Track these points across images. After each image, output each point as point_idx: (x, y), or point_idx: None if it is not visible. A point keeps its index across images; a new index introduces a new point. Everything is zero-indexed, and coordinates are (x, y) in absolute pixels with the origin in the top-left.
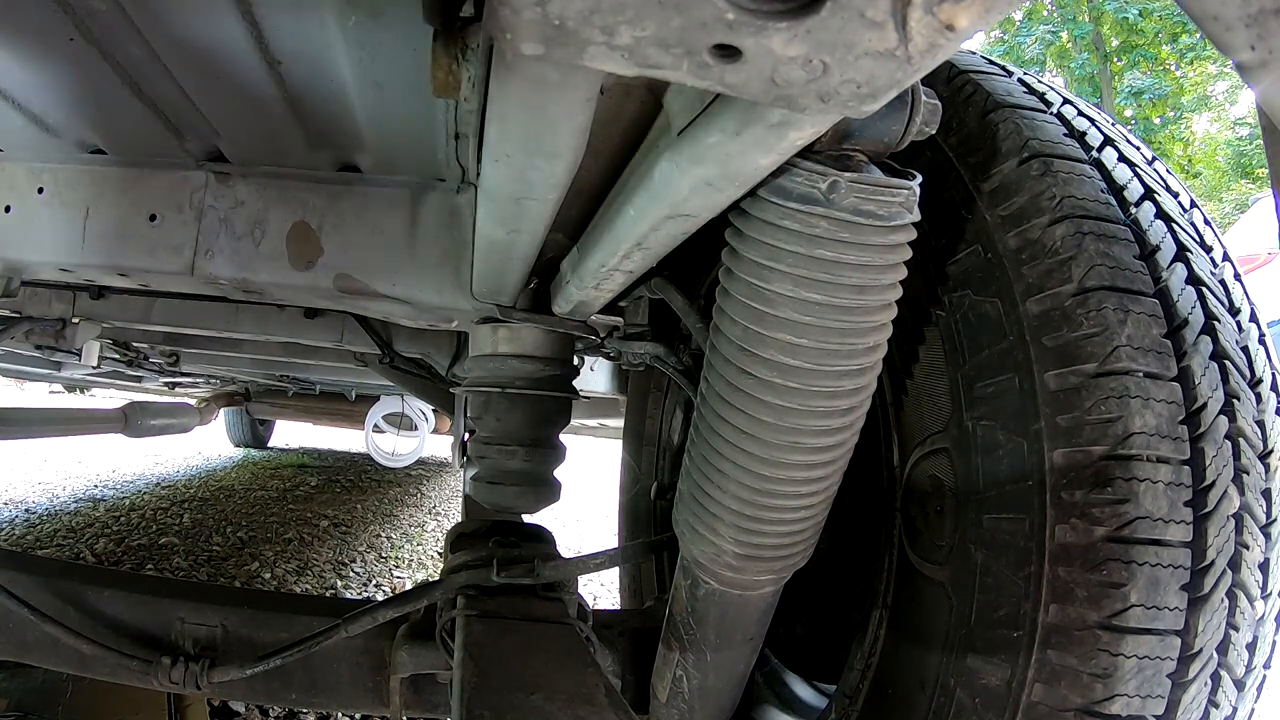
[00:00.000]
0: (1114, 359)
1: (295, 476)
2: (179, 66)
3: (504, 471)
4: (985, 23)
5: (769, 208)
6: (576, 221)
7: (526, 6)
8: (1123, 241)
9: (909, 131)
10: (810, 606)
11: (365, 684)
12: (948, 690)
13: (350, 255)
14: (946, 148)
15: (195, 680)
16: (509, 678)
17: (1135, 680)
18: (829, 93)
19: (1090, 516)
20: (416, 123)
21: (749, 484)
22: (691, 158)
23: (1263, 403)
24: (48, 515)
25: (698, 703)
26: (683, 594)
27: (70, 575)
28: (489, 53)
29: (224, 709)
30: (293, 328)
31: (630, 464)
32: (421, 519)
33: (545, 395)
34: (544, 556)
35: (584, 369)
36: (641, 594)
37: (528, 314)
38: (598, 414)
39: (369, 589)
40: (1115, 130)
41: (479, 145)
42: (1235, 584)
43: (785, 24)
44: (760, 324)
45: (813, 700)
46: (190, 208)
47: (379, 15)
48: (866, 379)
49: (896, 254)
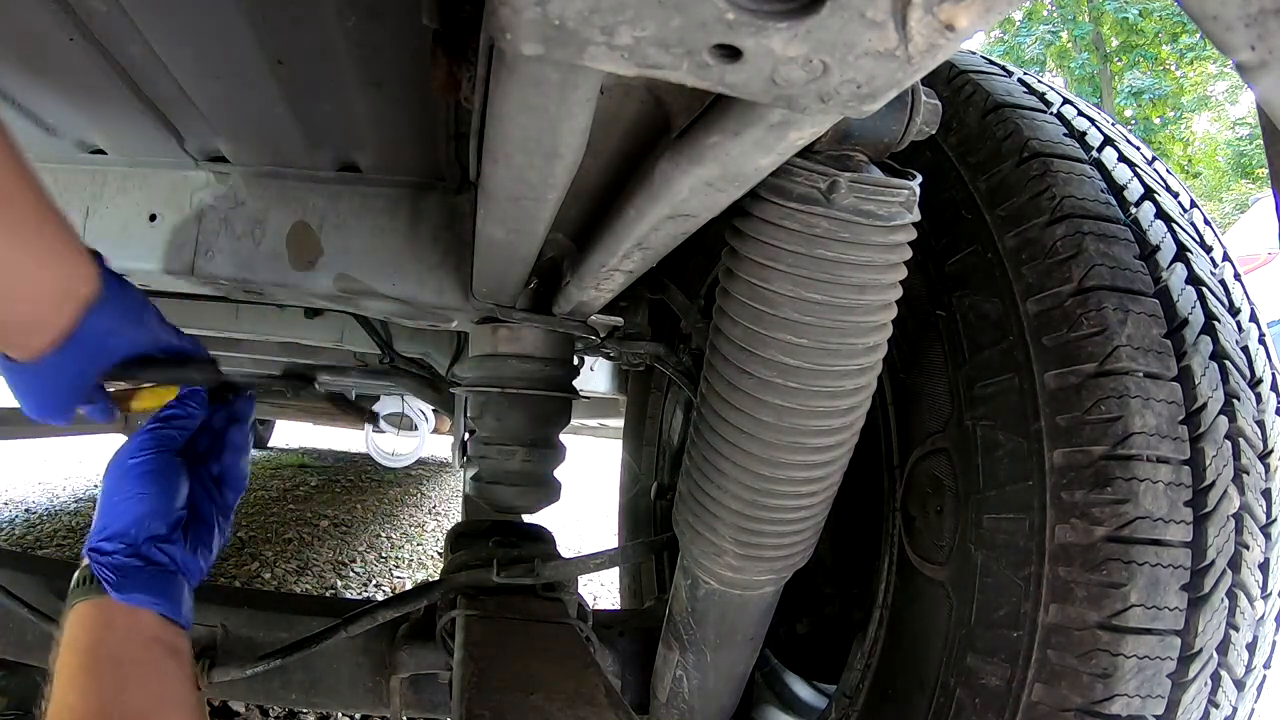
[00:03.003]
0: (1114, 359)
1: (295, 476)
2: (179, 66)
3: (504, 471)
4: (985, 23)
5: (769, 208)
6: (576, 221)
7: (526, 6)
8: (1123, 241)
9: (909, 131)
10: (810, 606)
11: (365, 684)
12: (948, 690)
13: (350, 255)
14: (946, 148)
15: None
16: (509, 678)
17: (1135, 680)
18: (829, 93)
19: (1090, 516)
20: (416, 123)
21: (749, 484)
22: (691, 158)
23: (1263, 403)
24: (48, 515)
25: (698, 703)
26: (683, 594)
27: (70, 575)
28: (489, 53)
29: (224, 709)
30: (293, 328)
31: (630, 464)
32: (421, 519)
33: (545, 395)
34: (544, 556)
35: (584, 369)
36: (641, 594)
37: (528, 314)
38: (598, 414)
39: (369, 589)
40: (1115, 130)
41: (479, 145)
42: (1235, 584)
43: (785, 24)
44: (760, 324)
45: (813, 700)
46: (190, 208)
47: (379, 15)
48: (866, 379)
49: (896, 254)
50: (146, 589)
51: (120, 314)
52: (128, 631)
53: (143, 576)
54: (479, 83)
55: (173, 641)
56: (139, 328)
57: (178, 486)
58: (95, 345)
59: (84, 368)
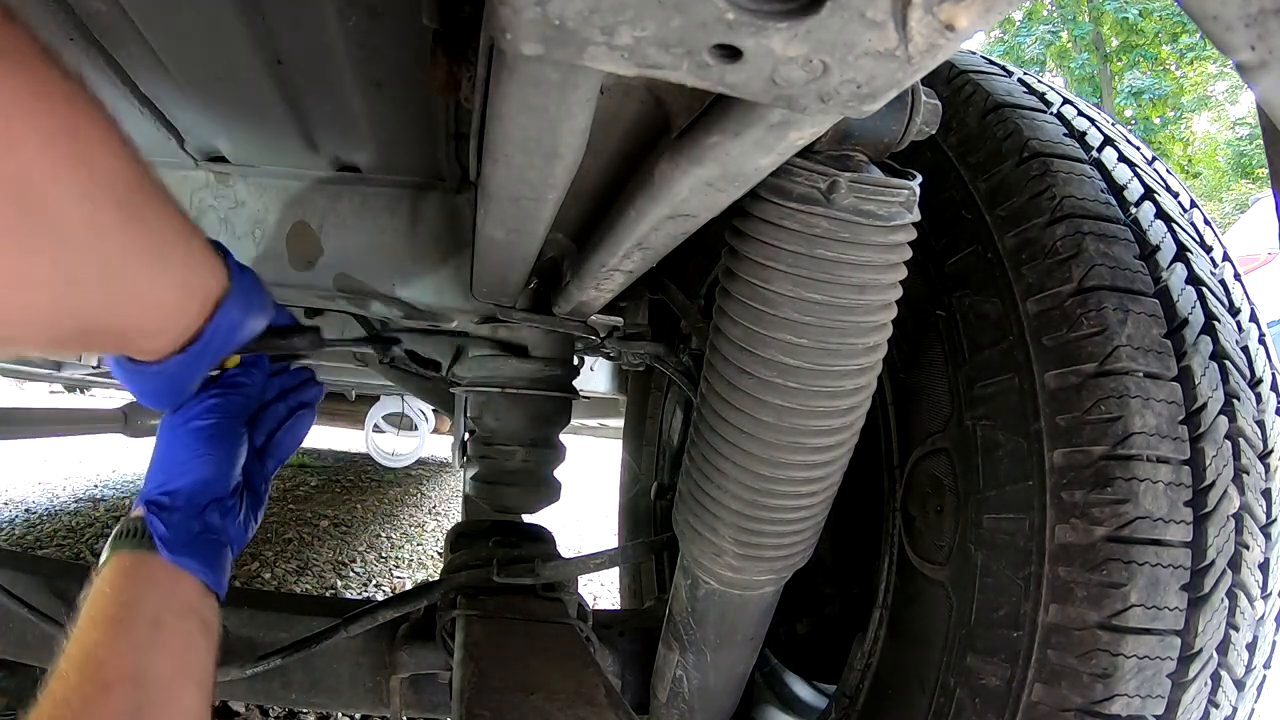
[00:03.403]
0: (1114, 359)
1: (295, 476)
2: (179, 66)
3: (504, 471)
4: (985, 23)
5: (769, 208)
6: (576, 221)
7: (526, 6)
8: (1123, 241)
9: (909, 131)
10: (810, 606)
11: (365, 684)
12: (948, 690)
13: (350, 255)
14: (946, 148)
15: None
16: (509, 678)
17: (1135, 680)
18: (829, 93)
19: (1090, 516)
20: (416, 123)
21: (749, 484)
22: (691, 158)
23: (1263, 403)
24: (48, 515)
25: (698, 703)
26: (683, 594)
27: (70, 575)
28: (489, 53)
29: (224, 709)
30: None
31: (630, 464)
32: (421, 519)
33: (545, 395)
34: (544, 556)
35: (584, 369)
36: (641, 594)
37: (528, 314)
38: (598, 414)
39: (369, 589)
40: (1115, 130)
41: (479, 145)
42: (1235, 584)
43: (785, 24)
44: (760, 324)
45: (813, 700)
46: (190, 208)
47: (379, 15)
48: (866, 379)
49: (896, 254)
50: (198, 555)
51: (246, 306)
52: (169, 594)
53: (198, 542)
54: (479, 83)
55: (207, 616)
56: (262, 314)
57: (239, 454)
58: (222, 341)
59: (209, 362)
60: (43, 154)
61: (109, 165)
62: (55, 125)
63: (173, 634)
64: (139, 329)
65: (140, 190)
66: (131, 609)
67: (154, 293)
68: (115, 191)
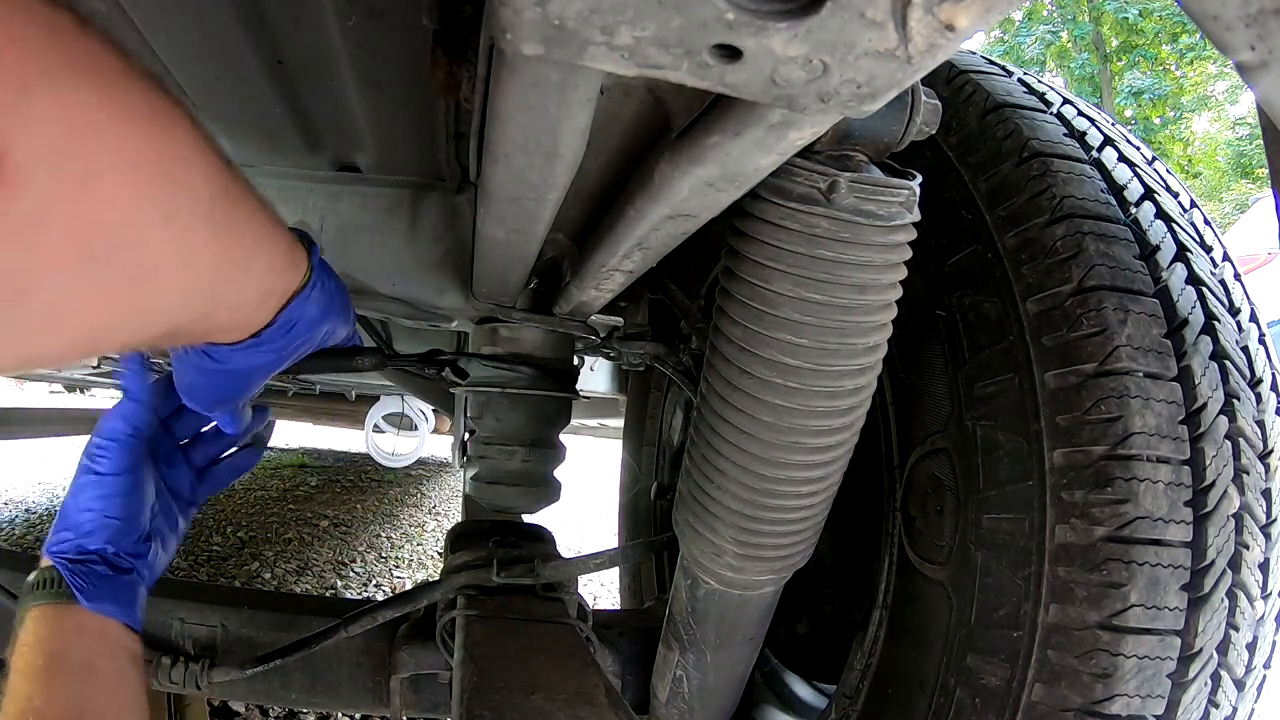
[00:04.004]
0: (1114, 359)
1: (295, 476)
2: (178, 66)
3: (504, 471)
4: (985, 23)
5: (769, 208)
6: (577, 221)
7: (526, 6)
8: (1123, 241)
9: (909, 131)
10: (810, 606)
11: (365, 684)
12: (948, 690)
13: (350, 255)
14: (946, 148)
15: (195, 680)
16: (509, 678)
17: (1135, 680)
18: (829, 93)
19: (1090, 516)
20: (416, 123)
21: (749, 484)
22: (691, 158)
23: (1263, 403)
24: (48, 515)
25: (698, 703)
26: (683, 594)
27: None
28: (489, 53)
29: (224, 709)
30: None
31: (630, 464)
32: (421, 519)
33: (545, 395)
34: (544, 556)
35: (584, 369)
36: (641, 594)
37: (528, 314)
38: (598, 414)
39: (369, 589)
40: (1115, 130)
41: (479, 145)
42: (1235, 584)
43: (785, 24)
44: (760, 324)
45: (813, 700)
46: None
47: (379, 15)
48: (866, 379)
49: (897, 254)
50: (115, 600)
51: (327, 303)
52: (98, 639)
53: (112, 587)
54: (479, 83)
55: (134, 648)
56: (339, 318)
57: (147, 491)
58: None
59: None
60: (126, 185)
61: (193, 182)
62: (138, 152)
63: (106, 675)
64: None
65: (226, 198)
66: (62, 658)
67: (237, 298)
68: (200, 208)
